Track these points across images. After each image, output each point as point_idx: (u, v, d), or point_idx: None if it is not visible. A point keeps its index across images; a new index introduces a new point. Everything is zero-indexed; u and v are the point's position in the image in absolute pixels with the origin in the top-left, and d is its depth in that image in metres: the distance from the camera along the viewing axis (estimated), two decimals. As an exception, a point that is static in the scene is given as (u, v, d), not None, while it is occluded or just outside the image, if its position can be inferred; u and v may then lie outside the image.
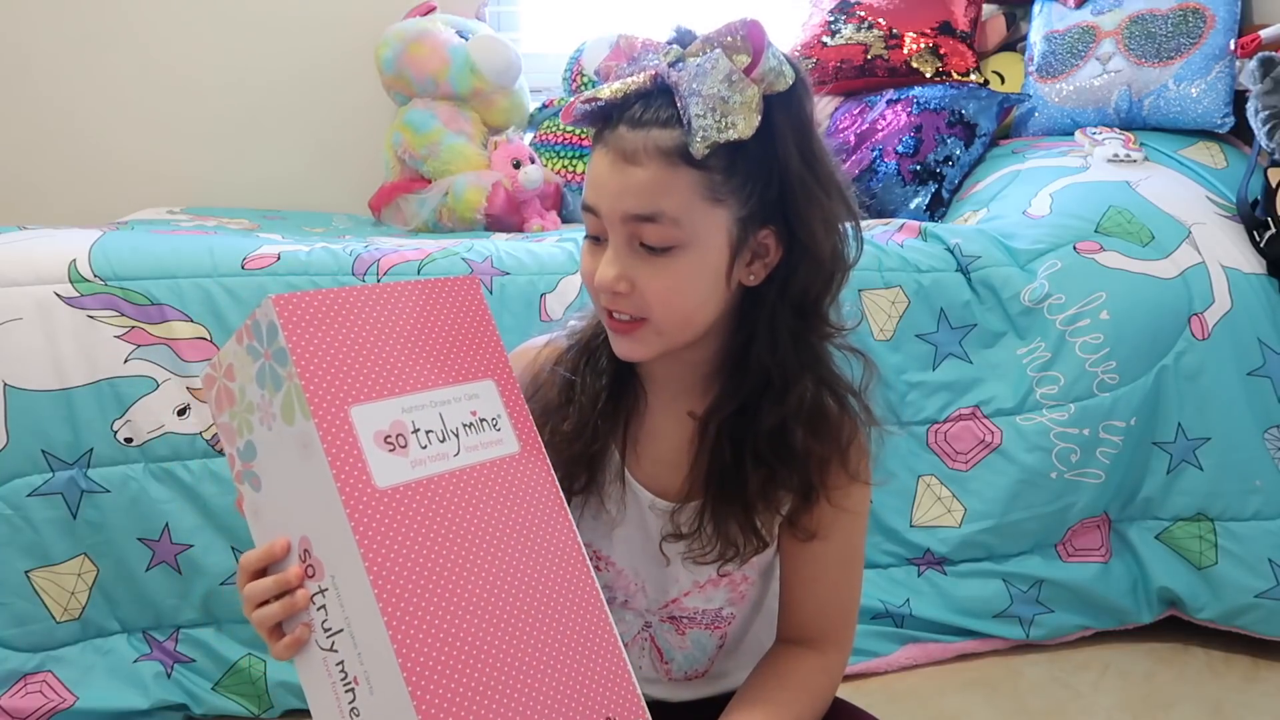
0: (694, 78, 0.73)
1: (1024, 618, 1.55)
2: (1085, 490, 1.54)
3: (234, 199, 2.54)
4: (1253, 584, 1.52)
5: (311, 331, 0.67)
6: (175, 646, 1.37)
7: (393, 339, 0.71)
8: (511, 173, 2.12)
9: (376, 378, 0.69)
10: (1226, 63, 1.94)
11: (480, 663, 0.65)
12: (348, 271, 1.44)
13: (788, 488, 0.84)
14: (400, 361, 0.70)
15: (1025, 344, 1.57)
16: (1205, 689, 1.47)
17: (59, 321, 1.34)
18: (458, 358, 0.73)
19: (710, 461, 0.84)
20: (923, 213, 1.97)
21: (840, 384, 0.85)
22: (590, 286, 0.81)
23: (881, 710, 0.93)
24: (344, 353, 0.68)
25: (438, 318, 0.74)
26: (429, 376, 0.71)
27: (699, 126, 0.72)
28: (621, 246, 0.78)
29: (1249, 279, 1.58)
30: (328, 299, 0.69)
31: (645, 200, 0.75)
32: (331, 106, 2.59)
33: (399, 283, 0.73)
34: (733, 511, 0.84)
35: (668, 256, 0.76)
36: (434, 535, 0.67)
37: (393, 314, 0.72)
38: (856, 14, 2.31)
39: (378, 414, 0.67)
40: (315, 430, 0.64)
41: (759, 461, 0.82)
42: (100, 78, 2.56)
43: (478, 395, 0.73)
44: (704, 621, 0.93)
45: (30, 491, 1.32)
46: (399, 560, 0.64)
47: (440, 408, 0.71)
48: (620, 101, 0.76)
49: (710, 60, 0.73)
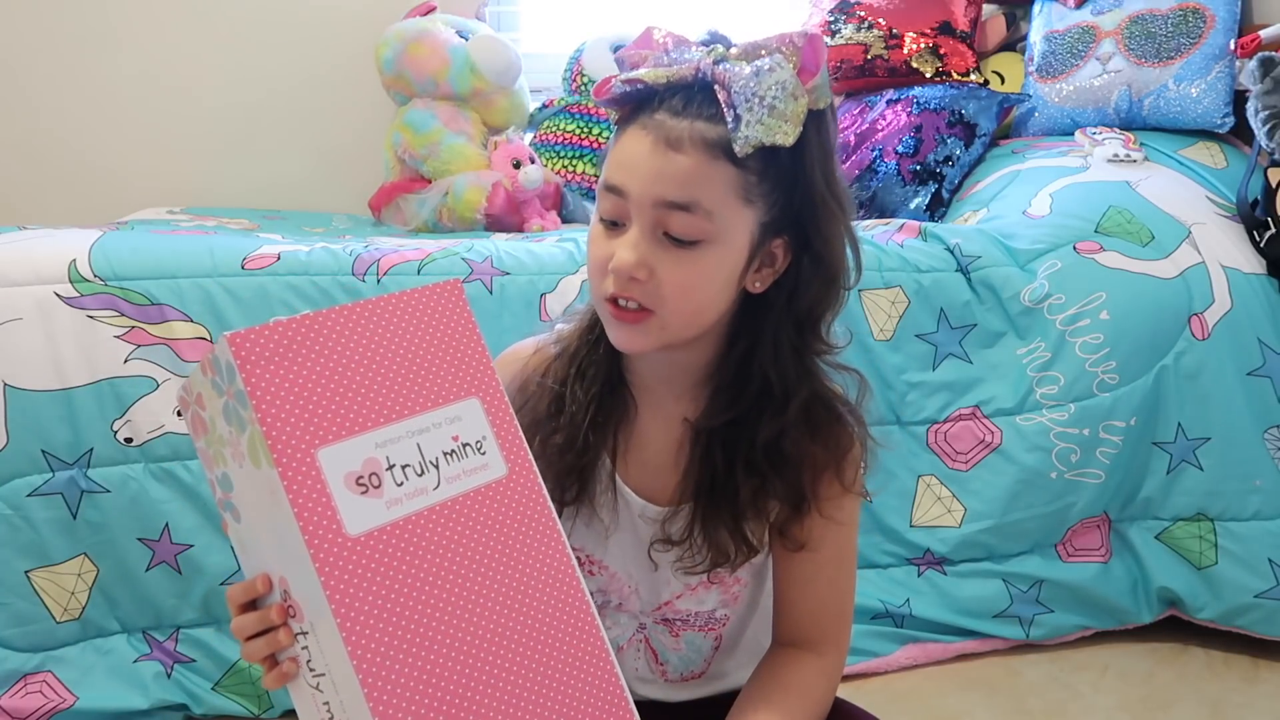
0: (752, 78, 0.73)
1: (1024, 618, 1.55)
2: (1085, 490, 1.54)
3: (234, 199, 2.54)
4: (1253, 584, 1.52)
5: (272, 370, 0.62)
6: (175, 646, 1.37)
7: (364, 366, 0.65)
8: (511, 173, 2.12)
9: (346, 413, 0.63)
10: (1226, 63, 1.94)
11: (466, 711, 0.62)
12: (348, 271, 1.44)
13: (779, 497, 0.83)
14: (373, 391, 0.65)
15: (1025, 344, 1.57)
16: (1205, 689, 1.47)
17: (59, 321, 1.34)
18: (438, 377, 0.68)
19: (701, 469, 0.84)
20: (923, 213, 1.97)
21: (836, 397, 0.85)
22: (597, 271, 0.79)
23: (881, 710, 0.93)
24: (309, 389, 0.62)
25: (414, 334, 0.68)
26: (405, 404, 0.66)
27: (749, 125, 0.73)
28: (645, 232, 0.76)
29: (1249, 279, 1.58)
30: (289, 331, 0.63)
31: (683, 188, 0.74)
32: (331, 106, 2.58)
33: (370, 300, 0.67)
34: (722, 520, 0.83)
35: (692, 250, 0.76)
36: (413, 581, 0.62)
37: (363, 337, 0.66)
38: (856, 14, 2.31)
39: (347, 454, 0.62)
40: (279, 479, 0.60)
41: (751, 471, 0.82)
42: (100, 77, 2.56)
43: (460, 417, 0.68)
44: (697, 623, 0.93)
45: (30, 491, 1.32)
46: (374, 613, 0.60)
47: (418, 437, 0.66)
48: (664, 87, 0.76)
49: (772, 63, 0.74)
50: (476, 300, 1.44)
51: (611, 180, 0.77)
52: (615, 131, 0.79)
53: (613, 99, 0.78)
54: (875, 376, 1.54)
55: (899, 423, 1.56)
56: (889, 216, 1.94)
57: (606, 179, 0.78)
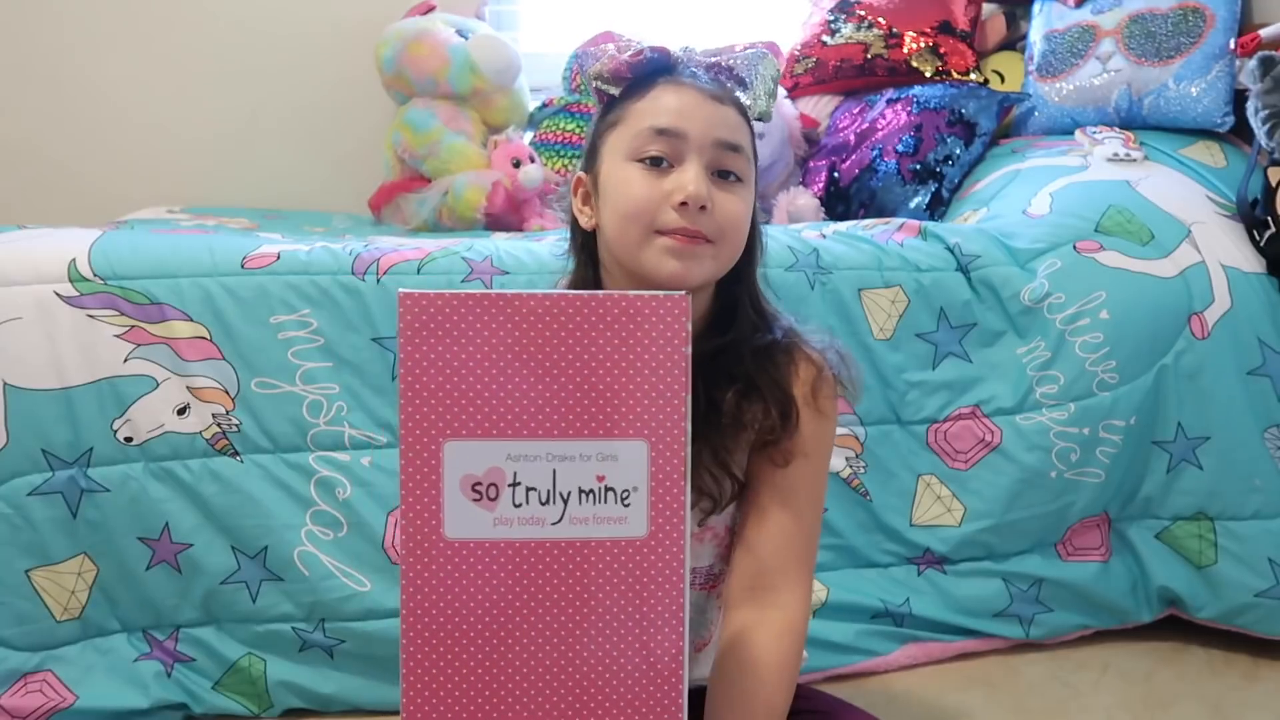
0: (756, 60, 0.91)
1: (1024, 617, 1.55)
2: (1085, 489, 1.54)
3: (234, 198, 2.54)
4: (1252, 583, 1.52)
5: (431, 343, 0.57)
6: (175, 646, 1.37)
7: (532, 365, 0.58)
8: (511, 172, 2.12)
9: (490, 411, 0.58)
10: (1226, 62, 1.94)
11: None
12: (348, 270, 1.44)
13: (765, 398, 0.91)
14: (528, 395, 0.58)
15: (1025, 343, 1.57)
16: (1205, 688, 1.47)
17: (59, 321, 1.34)
18: (611, 403, 0.59)
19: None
20: (922, 212, 1.97)
21: (805, 330, 0.98)
22: (649, 206, 0.86)
23: (881, 710, 0.93)
24: (460, 373, 0.57)
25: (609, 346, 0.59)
26: (558, 420, 0.59)
27: (758, 95, 0.91)
28: (704, 169, 0.87)
29: (1249, 278, 1.58)
30: (465, 304, 0.57)
31: (733, 132, 0.89)
32: (331, 106, 2.58)
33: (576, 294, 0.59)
34: (707, 444, 0.88)
35: (737, 185, 0.89)
36: (492, 613, 0.57)
37: (546, 333, 0.59)
38: (856, 13, 2.31)
39: (474, 455, 0.58)
40: (400, 459, 0.57)
41: (735, 379, 0.91)
42: (100, 77, 2.56)
43: (616, 457, 0.59)
44: (698, 581, 0.95)
45: (30, 491, 1.32)
46: (441, 624, 0.56)
47: (557, 463, 0.59)
48: (680, 57, 0.91)
49: (762, 54, 0.92)
50: (476, 299, 1.44)
51: (668, 125, 0.87)
52: (623, 100, 0.90)
53: (643, 63, 0.89)
54: (875, 376, 1.55)
55: (899, 422, 1.56)
56: (889, 216, 1.94)
57: (659, 124, 0.87)
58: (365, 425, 1.41)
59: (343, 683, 1.38)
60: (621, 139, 0.89)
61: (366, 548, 1.37)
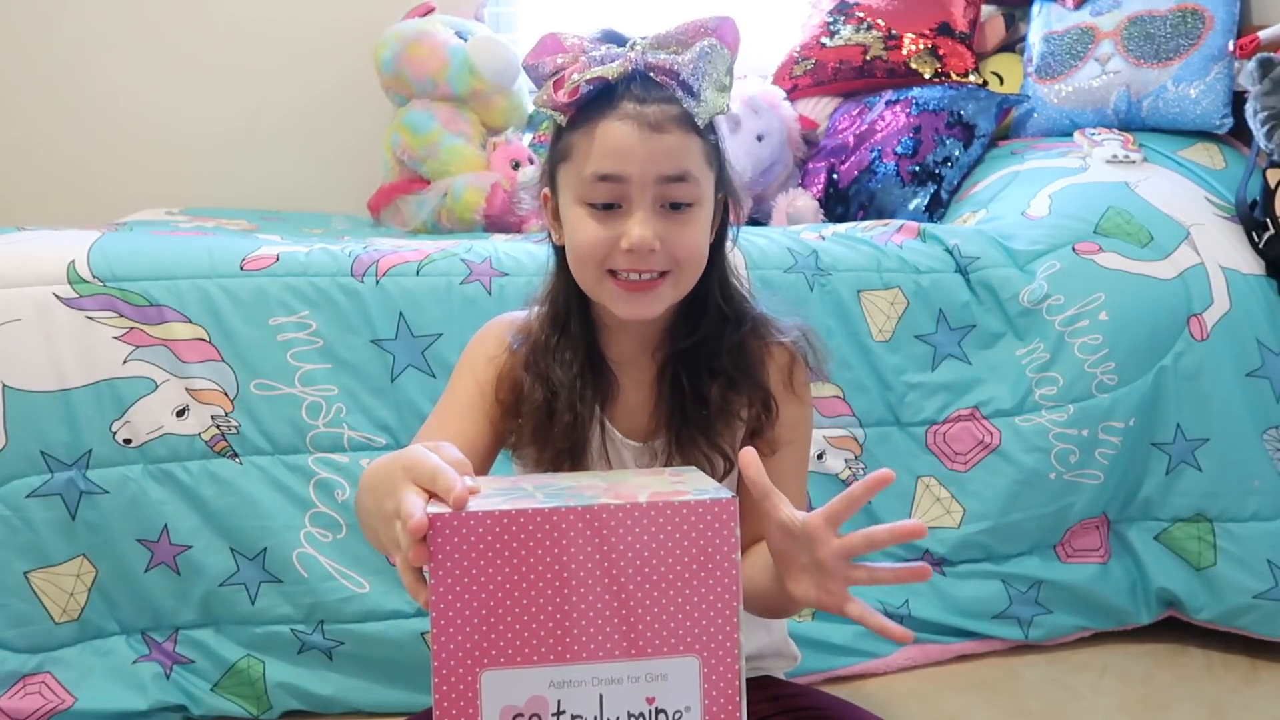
0: (700, 59, 0.85)
1: (1023, 618, 1.55)
2: (1084, 491, 1.54)
3: (233, 200, 2.54)
4: (1251, 585, 1.52)
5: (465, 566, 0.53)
6: (174, 647, 1.37)
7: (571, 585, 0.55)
8: (510, 174, 2.12)
9: (530, 636, 0.54)
10: (1225, 64, 1.94)
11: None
12: (346, 272, 1.44)
13: (746, 391, 0.93)
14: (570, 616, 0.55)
15: (1024, 345, 1.57)
16: (1204, 690, 1.47)
17: (58, 322, 1.34)
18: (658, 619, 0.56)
19: (672, 396, 0.94)
20: (922, 213, 1.97)
21: (776, 319, 0.99)
22: (596, 252, 0.87)
23: (881, 710, 0.93)
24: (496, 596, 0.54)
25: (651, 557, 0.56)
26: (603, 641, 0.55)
27: (706, 99, 0.85)
28: (650, 208, 0.86)
29: (1248, 280, 1.58)
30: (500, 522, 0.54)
31: (676, 162, 0.86)
32: (330, 107, 2.58)
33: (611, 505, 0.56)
34: (698, 430, 0.92)
35: (690, 212, 0.88)
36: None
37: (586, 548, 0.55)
38: (855, 15, 2.31)
39: (515, 684, 0.54)
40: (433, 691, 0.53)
41: (716, 373, 0.93)
42: (100, 78, 2.56)
43: (666, 676, 0.56)
44: None
45: (29, 492, 1.32)
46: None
47: (604, 686, 0.55)
48: (624, 78, 0.86)
49: (711, 47, 0.86)
50: (476, 301, 1.44)
51: (607, 170, 0.86)
52: (569, 130, 0.88)
53: (580, 98, 0.86)
54: (874, 377, 1.55)
55: (898, 423, 1.56)
56: (888, 217, 1.94)
57: (600, 170, 0.86)
58: (364, 427, 1.41)
59: (341, 684, 1.38)
60: (569, 178, 0.89)
61: (365, 550, 1.37)
